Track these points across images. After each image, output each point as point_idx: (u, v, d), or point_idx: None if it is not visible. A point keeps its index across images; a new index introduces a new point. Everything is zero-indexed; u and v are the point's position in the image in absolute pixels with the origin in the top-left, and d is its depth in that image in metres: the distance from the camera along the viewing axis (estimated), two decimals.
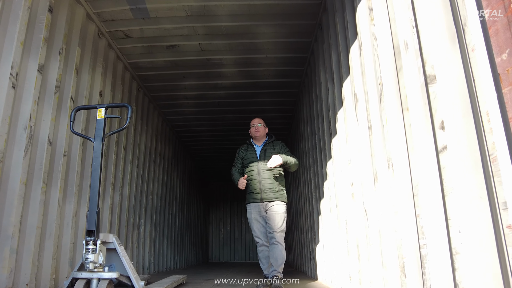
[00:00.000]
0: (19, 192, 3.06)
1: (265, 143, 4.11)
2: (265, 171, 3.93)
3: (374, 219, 2.64)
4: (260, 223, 3.90)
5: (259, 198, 3.90)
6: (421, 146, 1.88)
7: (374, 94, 2.60)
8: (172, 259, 8.34)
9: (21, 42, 3.16)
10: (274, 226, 3.80)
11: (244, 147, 4.20)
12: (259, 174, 3.94)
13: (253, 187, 3.95)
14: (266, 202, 3.89)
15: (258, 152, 4.07)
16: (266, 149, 4.05)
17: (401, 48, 2.10)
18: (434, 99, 1.70)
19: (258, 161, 3.99)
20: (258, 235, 3.90)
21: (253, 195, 3.95)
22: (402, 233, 2.08)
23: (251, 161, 4.03)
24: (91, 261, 2.41)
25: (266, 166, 3.91)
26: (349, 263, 3.28)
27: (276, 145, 4.09)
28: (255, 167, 3.98)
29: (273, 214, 3.83)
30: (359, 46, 2.97)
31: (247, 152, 4.12)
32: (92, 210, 2.51)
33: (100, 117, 2.69)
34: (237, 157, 4.20)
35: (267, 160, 3.92)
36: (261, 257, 3.91)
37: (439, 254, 1.71)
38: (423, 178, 1.85)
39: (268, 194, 3.88)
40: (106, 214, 4.83)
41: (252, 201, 3.95)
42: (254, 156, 4.04)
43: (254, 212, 3.93)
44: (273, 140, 4.15)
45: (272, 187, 3.89)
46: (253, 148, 4.11)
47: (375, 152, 2.52)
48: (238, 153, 4.20)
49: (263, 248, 3.89)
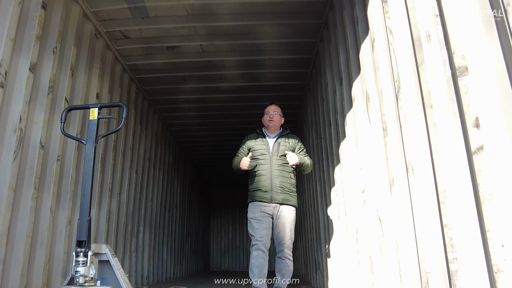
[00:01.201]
0: (7, 198, 2.86)
1: (279, 135, 3.53)
2: (278, 167, 3.35)
3: (390, 229, 2.43)
4: (263, 223, 3.24)
5: (268, 197, 3.28)
6: (448, 147, 1.67)
7: (389, 92, 2.40)
8: (172, 268, 8.10)
9: (11, 39, 2.97)
10: (284, 238, 3.25)
11: (253, 136, 3.58)
12: (270, 169, 3.34)
13: (262, 184, 3.33)
14: (276, 204, 3.28)
15: (271, 144, 3.46)
16: (280, 142, 3.46)
17: (422, 40, 1.91)
18: (465, 93, 1.50)
19: (271, 154, 3.40)
20: (258, 237, 3.19)
21: (261, 193, 3.32)
22: (426, 244, 1.87)
23: (262, 153, 3.42)
24: (81, 275, 2.19)
25: (279, 161, 3.36)
26: (360, 275, 3.06)
27: (291, 139, 3.53)
28: (266, 161, 3.38)
29: (283, 223, 3.27)
30: (371, 43, 2.78)
31: (256, 142, 3.50)
32: (83, 219, 2.30)
33: (93, 117, 2.48)
34: (243, 146, 3.58)
35: (280, 156, 3.38)
36: (253, 264, 3.13)
37: (473, 271, 1.50)
38: (451, 183, 1.64)
39: (280, 194, 3.29)
40: (103, 222, 4.62)
41: (259, 200, 3.31)
42: (265, 148, 3.44)
43: (258, 211, 3.29)
44: (288, 133, 3.59)
45: (285, 186, 3.32)
46: (265, 139, 3.49)
47: (391, 155, 2.32)
48: (245, 142, 3.59)
49: (259, 253, 3.16)
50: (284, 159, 3.38)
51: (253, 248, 3.20)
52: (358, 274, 3.11)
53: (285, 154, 3.36)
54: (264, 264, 3.15)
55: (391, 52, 2.32)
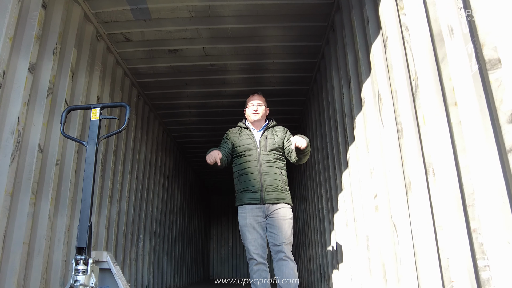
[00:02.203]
0: (3, 203, 2.73)
1: (265, 127, 3.19)
2: (267, 163, 3.01)
3: (406, 235, 2.31)
4: (258, 232, 2.89)
5: (258, 198, 2.94)
6: (476, 146, 1.56)
7: (404, 91, 2.30)
8: (172, 276, 7.93)
9: (10, 38, 2.87)
10: (281, 236, 2.85)
11: (236, 130, 3.25)
12: (259, 166, 2.99)
13: (250, 183, 2.98)
14: (268, 205, 2.93)
15: (258, 138, 3.12)
16: (267, 135, 3.12)
17: (444, 35, 1.81)
18: (498, 88, 1.39)
19: (259, 148, 3.06)
20: (254, 249, 2.84)
21: (249, 194, 2.98)
22: (450, 251, 1.75)
23: (248, 148, 3.07)
24: (81, 284, 2.06)
25: (269, 156, 3.02)
26: (371, 285, 2.93)
27: (278, 131, 3.17)
28: (254, 157, 3.03)
29: (278, 220, 2.90)
30: (383, 42, 2.68)
31: (241, 136, 3.15)
32: (83, 224, 2.17)
33: (95, 118, 2.37)
34: (225, 141, 3.22)
35: (269, 149, 3.04)
36: (256, 278, 2.81)
37: (509, 279, 1.38)
38: (480, 184, 1.53)
39: (271, 193, 2.94)
40: (102, 229, 4.48)
41: (248, 202, 2.97)
42: (251, 142, 3.08)
43: (250, 217, 2.92)
44: (275, 125, 3.24)
45: (277, 184, 2.97)
46: (250, 132, 3.15)
47: (407, 158, 2.21)
48: (228, 136, 3.23)
49: (260, 267, 2.83)
50: (273, 153, 3.06)
51: (251, 263, 2.87)
52: (370, 283, 2.98)
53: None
54: (266, 275, 2.86)
55: (406, 50, 2.22)
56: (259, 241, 2.87)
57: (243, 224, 2.96)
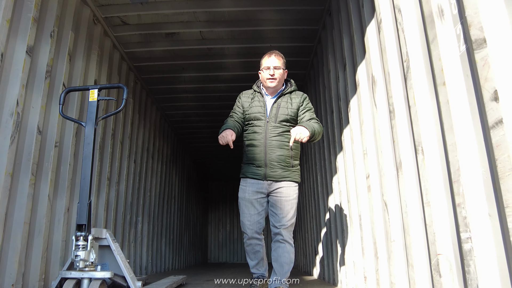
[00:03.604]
0: (4, 184, 2.79)
1: (280, 92, 2.89)
2: (275, 136, 2.77)
3: (396, 213, 2.38)
4: (255, 208, 2.77)
5: (261, 174, 2.77)
6: (462, 124, 1.62)
7: (397, 73, 2.34)
8: (170, 259, 8.06)
9: (7, 20, 2.89)
10: (282, 217, 2.73)
11: (249, 94, 2.99)
12: (265, 139, 2.77)
13: (255, 157, 2.78)
14: (271, 181, 2.77)
15: (269, 106, 2.85)
16: (280, 103, 2.84)
17: (434, 16, 1.85)
18: (483, 67, 1.44)
19: (267, 119, 2.81)
20: (249, 224, 2.76)
21: (253, 168, 2.80)
22: (436, 226, 1.82)
23: (257, 118, 2.83)
24: (81, 259, 2.14)
25: (278, 129, 2.78)
26: (364, 263, 3.02)
27: (295, 98, 2.86)
28: (261, 128, 2.80)
29: (281, 200, 2.75)
30: (377, 24, 2.72)
31: (252, 101, 2.89)
32: (82, 202, 2.24)
33: (93, 99, 2.42)
34: (238, 105, 3.00)
35: (279, 121, 2.78)
36: (249, 251, 2.82)
37: (489, 250, 1.45)
38: (465, 161, 1.59)
39: (276, 170, 2.75)
40: (101, 211, 4.56)
41: (251, 176, 2.81)
42: (261, 111, 2.83)
43: (250, 191, 2.79)
44: (293, 91, 2.92)
45: (283, 160, 2.76)
46: (262, 99, 2.89)
47: (399, 138, 2.26)
48: (240, 99, 3.00)
49: (252, 241, 2.79)
50: (284, 126, 2.80)
51: (244, 238, 2.85)
52: (362, 261, 3.07)
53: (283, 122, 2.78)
54: (259, 249, 2.83)
55: (399, 32, 2.26)
56: (255, 218, 2.78)
57: (242, 197, 2.85)
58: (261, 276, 2.86)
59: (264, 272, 2.89)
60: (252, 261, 2.85)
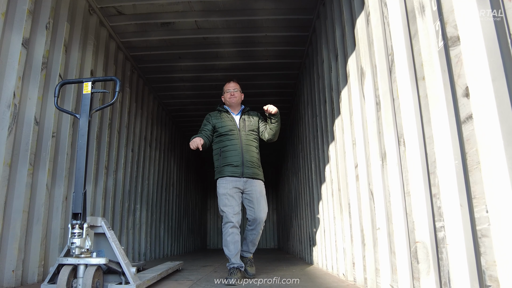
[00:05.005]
0: (2, 174, 2.87)
1: (241, 111, 3.67)
2: (247, 142, 3.51)
3: (381, 202, 2.47)
4: (236, 200, 3.36)
5: (239, 172, 3.40)
6: (439, 118, 1.69)
7: (383, 66, 2.40)
8: (169, 245, 8.21)
9: (3, 13, 2.93)
10: (260, 210, 3.41)
11: (216, 114, 3.65)
12: (241, 144, 3.47)
13: (233, 159, 3.43)
14: (247, 179, 3.43)
15: (237, 120, 3.60)
16: (245, 118, 3.62)
17: (416, 12, 1.90)
18: (456, 63, 1.50)
19: (240, 129, 3.54)
20: (231, 215, 3.29)
21: (231, 167, 3.41)
22: (415, 215, 1.90)
23: (230, 129, 3.52)
24: (77, 246, 2.23)
25: (248, 136, 3.53)
26: (352, 249, 3.12)
27: (253, 115, 3.68)
28: (235, 136, 3.50)
29: (257, 197, 3.43)
30: (366, 17, 2.76)
31: (222, 119, 3.57)
32: (78, 192, 2.32)
33: (86, 91, 2.49)
34: (207, 124, 3.60)
35: (248, 130, 3.54)
36: (229, 241, 3.30)
37: (459, 237, 1.53)
38: (441, 153, 1.66)
39: (250, 168, 3.44)
40: (99, 199, 4.66)
41: (230, 175, 3.41)
42: (232, 124, 3.55)
43: (230, 187, 3.38)
44: (249, 110, 3.72)
45: (254, 161, 3.49)
46: (230, 115, 3.61)
47: (384, 129, 2.33)
48: (209, 119, 3.62)
49: (234, 230, 3.32)
50: (252, 134, 3.57)
51: (227, 226, 3.31)
52: (351, 248, 3.17)
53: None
54: (238, 239, 3.35)
55: (385, 25, 2.31)
56: (236, 209, 3.34)
57: (223, 193, 3.38)
58: (240, 267, 3.30)
59: (241, 263, 3.34)
60: (231, 252, 3.30)
